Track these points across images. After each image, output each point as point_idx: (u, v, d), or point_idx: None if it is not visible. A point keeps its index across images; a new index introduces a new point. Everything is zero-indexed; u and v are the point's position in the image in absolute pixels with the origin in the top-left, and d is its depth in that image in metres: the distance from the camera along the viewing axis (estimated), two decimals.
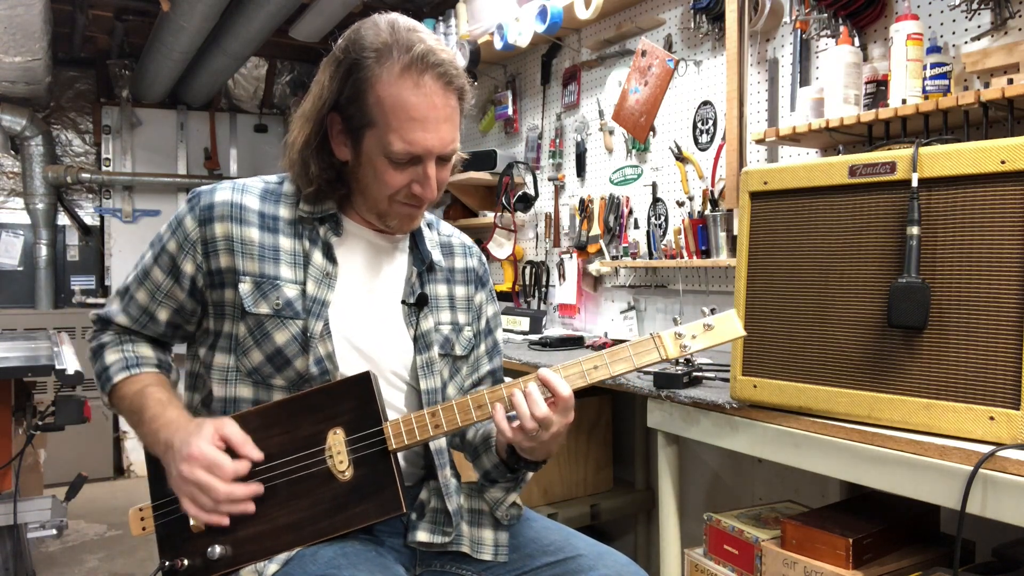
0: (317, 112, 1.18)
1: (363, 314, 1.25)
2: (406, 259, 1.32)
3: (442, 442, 1.29)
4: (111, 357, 1.25)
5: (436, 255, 1.34)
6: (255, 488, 1.12)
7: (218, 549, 1.12)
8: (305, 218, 1.23)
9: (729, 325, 1.18)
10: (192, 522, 1.12)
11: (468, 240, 1.45)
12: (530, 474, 1.31)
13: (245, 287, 1.19)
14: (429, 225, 1.38)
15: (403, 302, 1.29)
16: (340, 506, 1.14)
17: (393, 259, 1.31)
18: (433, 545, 1.24)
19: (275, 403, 1.18)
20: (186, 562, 1.13)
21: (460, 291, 1.37)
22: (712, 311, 1.20)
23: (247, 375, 1.20)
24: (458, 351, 1.34)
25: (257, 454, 1.13)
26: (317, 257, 1.22)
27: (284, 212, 1.24)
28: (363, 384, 1.16)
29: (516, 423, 1.14)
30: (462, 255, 1.41)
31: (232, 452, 1.12)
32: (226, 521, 1.11)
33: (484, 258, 1.46)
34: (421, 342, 1.27)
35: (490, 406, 1.16)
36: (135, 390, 1.22)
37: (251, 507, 1.12)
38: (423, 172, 1.17)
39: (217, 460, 1.09)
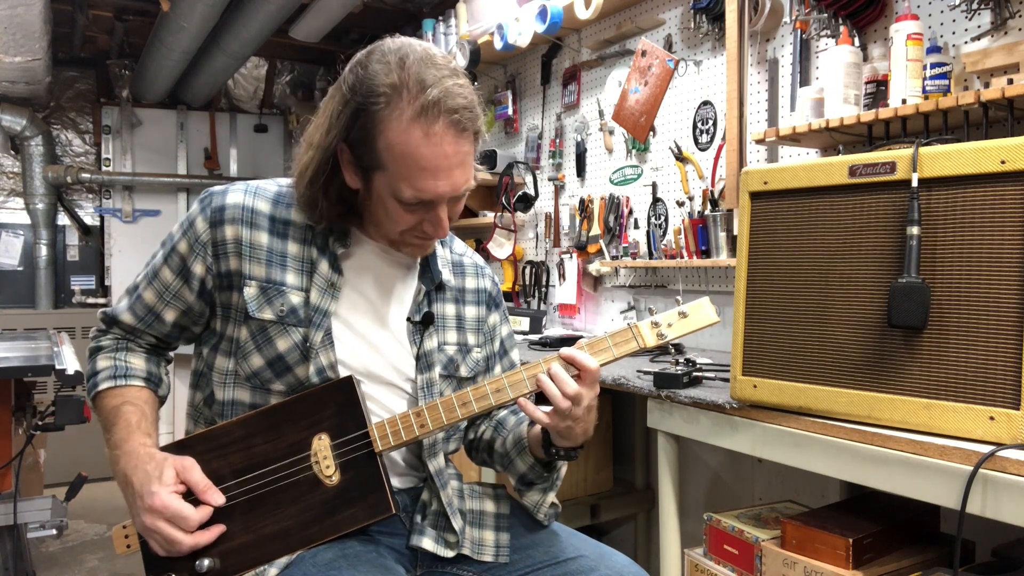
0: (326, 147, 1.14)
1: (367, 328, 1.24)
2: (416, 276, 1.30)
3: (440, 462, 1.28)
4: (102, 363, 1.24)
5: (446, 274, 1.33)
6: (219, 530, 1.11)
7: (207, 562, 1.10)
8: (315, 226, 1.22)
9: (703, 312, 1.20)
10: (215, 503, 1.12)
11: (480, 260, 1.43)
12: (564, 469, 1.32)
13: (250, 291, 1.18)
14: (442, 243, 1.36)
15: (409, 319, 1.27)
16: (329, 511, 1.13)
17: (403, 275, 1.29)
18: (436, 555, 1.23)
19: (257, 412, 1.17)
20: None
21: (471, 312, 1.35)
22: (677, 300, 1.22)
23: (246, 379, 1.20)
24: (463, 372, 1.32)
25: (219, 500, 1.12)
26: (323, 266, 1.21)
27: (296, 216, 1.22)
28: (346, 389, 1.15)
29: (549, 408, 1.14)
30: (474, 275, 1.38)
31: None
32: None
33: (496, 279, 1.44)
34: (423, 361, 1.26)
35: (474, 404, 1.15)
36: (113, 405, 1.20)
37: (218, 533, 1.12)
38: (435, 215, 1.15)
39: (181, 512, 1.08)
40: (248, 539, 1.13)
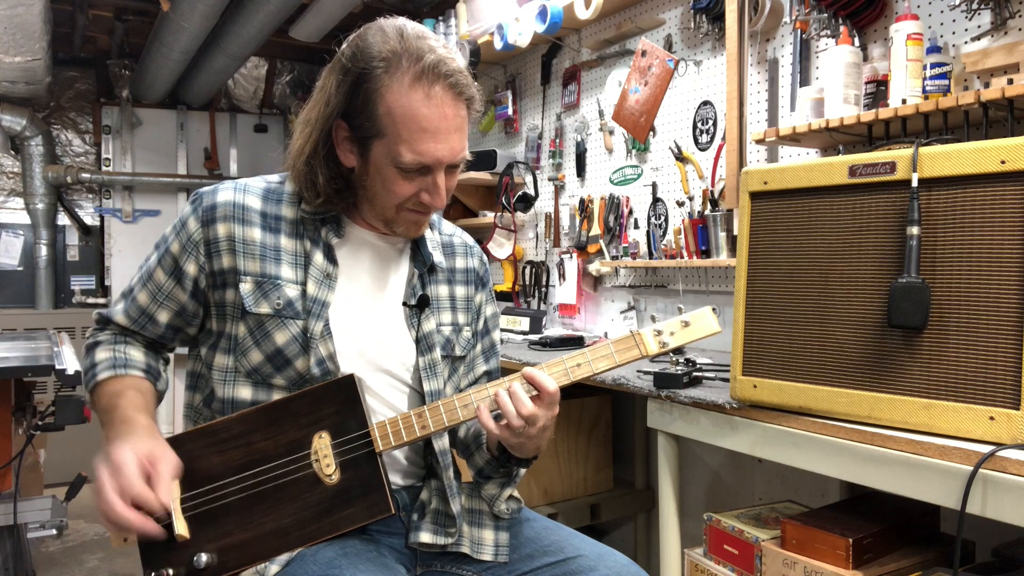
0: (324, 120, 1.17)
1: (364, 315, 1.25)
2: (408, 260, 1.32)
3: (445, 442, 1.29)
4: (101, 355, 1.24)
5: (438, 256, 1.34)
6: (151, 526, 1.05)
7: (204, 557, 1.10)
8: (307, 218, 1.23)
9: (705, 322, 1.22)
10: (176, 531, 1.08)
11: (469, 239, 1.45)
12: (523, 470, 1.32)
13: (246, 287, 1.19)
14: (431, 225, 1.38)
15: (404, 304, 1.29)
16: (328, 510, 1.13)
17: (395, 260, 1.31)
18: (435, 546, 1.24)
19: (257, 408, 1.17)
20: (171, 572, 1.11)
21: (461, 291, 1.37)
22: (679, 310, 1.24)
23: (246, 376, 1.20)
24: (458, 351, 1.34)
25: (165, 501, 1.06)
26: (318, 258, 1.22)
27: (286, 212, 1.24)
28: (347, 387, 1.15)
29: (503, 421, 1.15)
30: (463, 255, 1.40)
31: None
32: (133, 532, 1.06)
33: (485, 257, 1.45)
34: (423, 344, 1.27)
35: (475, 405, 1.16)
36: (115, 390, 1.20)
37: (152, 532, 1.06)
38: (432, 181, 1.18)
39: (129, 477, 1.04)
40: (246, 536, 1.13)
